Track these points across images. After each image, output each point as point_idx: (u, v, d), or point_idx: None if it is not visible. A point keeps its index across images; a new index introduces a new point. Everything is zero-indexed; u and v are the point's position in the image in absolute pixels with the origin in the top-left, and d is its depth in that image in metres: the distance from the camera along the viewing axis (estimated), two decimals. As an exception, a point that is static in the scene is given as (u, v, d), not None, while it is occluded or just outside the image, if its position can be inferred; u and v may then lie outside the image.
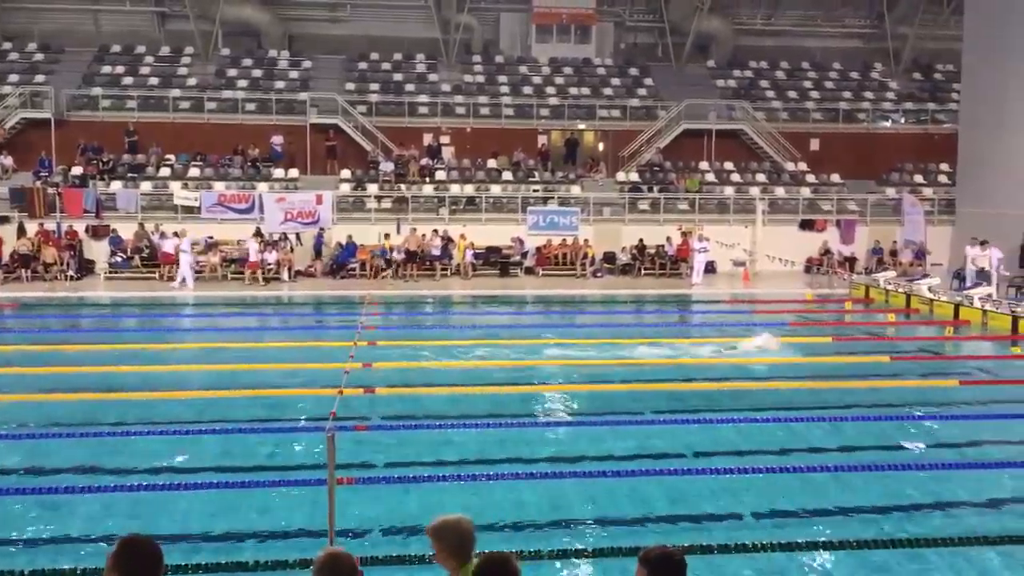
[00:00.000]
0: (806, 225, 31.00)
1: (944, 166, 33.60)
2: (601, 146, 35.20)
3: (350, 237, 28.17)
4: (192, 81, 34.23)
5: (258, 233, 27.65)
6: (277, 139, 32.03)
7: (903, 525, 8.22)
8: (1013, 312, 19.36)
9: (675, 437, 11.03)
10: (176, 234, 26.82)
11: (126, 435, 10.83)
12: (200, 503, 8.66)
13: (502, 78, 36.06)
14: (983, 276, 23.18)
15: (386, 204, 30.22)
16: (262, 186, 30.11)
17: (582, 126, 34.84)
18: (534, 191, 31.10)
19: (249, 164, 31.48)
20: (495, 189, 31.32)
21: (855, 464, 9.77)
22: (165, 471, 9.50)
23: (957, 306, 21.04)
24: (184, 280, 25.20)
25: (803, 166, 33.80)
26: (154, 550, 3.78)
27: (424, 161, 32.06)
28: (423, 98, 34.44)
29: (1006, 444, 10.83)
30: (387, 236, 28.34)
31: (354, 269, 27.89)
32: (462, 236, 28.59)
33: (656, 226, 30.10)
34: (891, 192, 32.61)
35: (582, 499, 8.82)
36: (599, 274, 28.67)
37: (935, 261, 28.91)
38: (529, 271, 28.89)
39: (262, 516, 8.37)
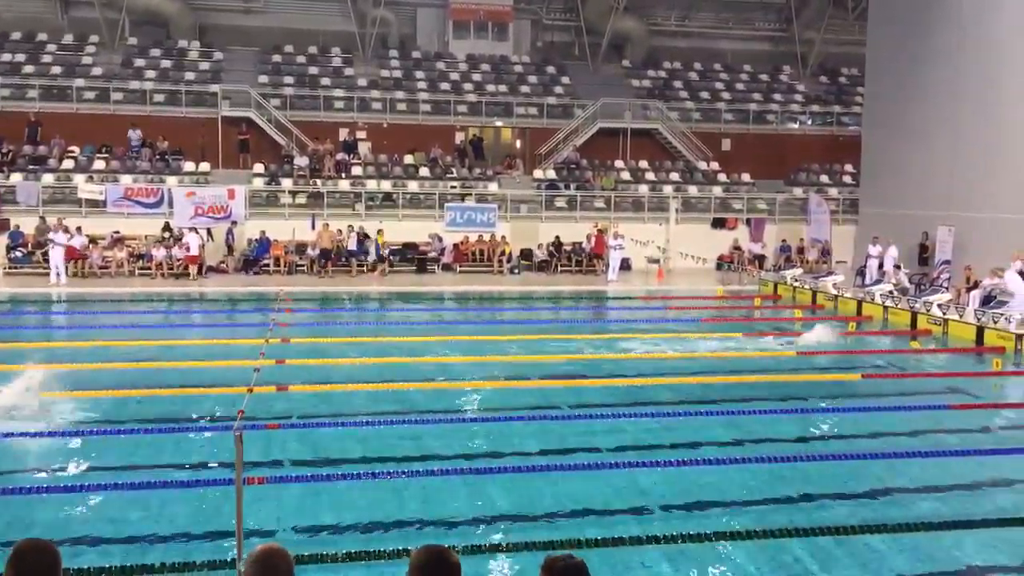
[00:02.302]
0: (718, 223, 31.73)
1: (848, 167, 34.74)
2: (518, 143, 35.34)
3: (263, 233, 27.67)
4: (97, 71, 33.11)
5: (167, 229, 26.95)
6: (134, 133, 31.06)
7: (808, 515, 8.46)
8: (912, 308, 20.17)
9: (588, 433, 11.16)
10: (78, 229, 25.97)
11: (26, 435, 10.40)
12: (106, 505, 8.40)
13: (419, 74, 35.87)
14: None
15: (301, 200, 29.77)
16: (171, 180, 29.33)
17: (499, 123, 34.92)
18: (451, 188, 31.04)
19: (158, 157, 30.61)
20: (412, 185, 31.14)
21: (763, 456, 10.02)
22: (70, 472, 9.19)
23: (860, 302, 21.84)
24: (58, 275, 24.27)
25: (715, 165, 34.54)
26: (50, 554, 3.65)
27: (340, 156, 31.67)
28: (339, 92, 34.01)
29: (905, 436, 11.24)
30: (380, 232, 28.22)
31: (267, 265, 27.40)
32: (379, 232, 28.36)
33: (573, 223, 30.41)
34: (798, 192, 33.60)
35: (499, 495, 8.84)
36: (516, 271, 28.78)
37: (839, 259, 29.89)
38: (446, 268, 28.83)
39: (169, 518, 8.16)
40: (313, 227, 28.24)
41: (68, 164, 29.83)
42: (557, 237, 29.67)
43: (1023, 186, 22.66)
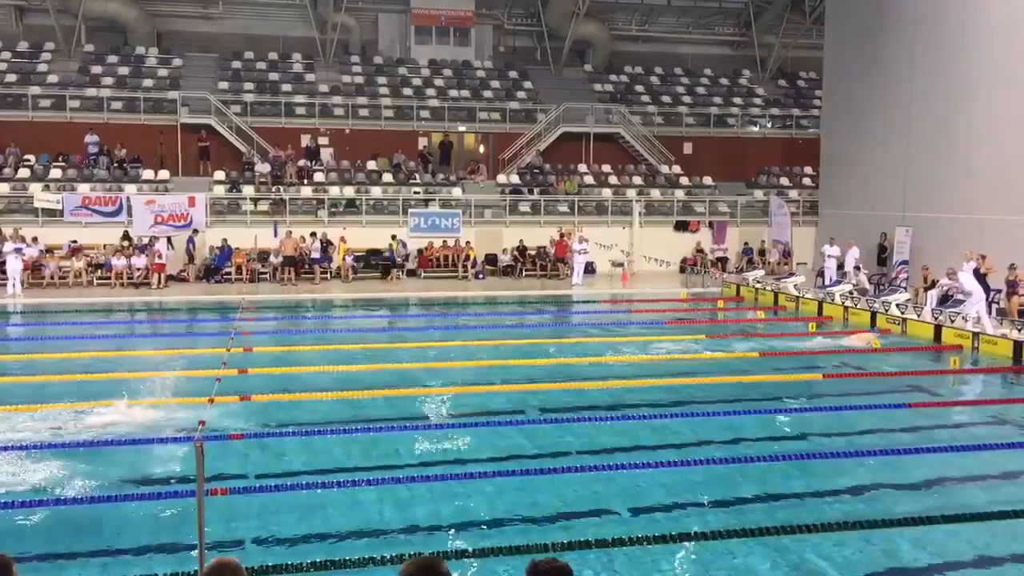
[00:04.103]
0: (680, 226, 31.94)
1: (808, 169, 35.13)
2: (482, 148, 35.35)
3: (225, 240, 27.39)
4: (53, 78, 32.56)
5: (126, 238, 26.59)
6: (92, 138, 30.63)
7: (768, 515, 8.54)
8: (871, 308, 20.45)
9: (555, 436, 11.18)
10: (35, 239, 25.56)
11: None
12: (66, 519, 8.25)
13: (381, 79, 35.74)
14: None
15: (263, 207, 29.52)
16: (130, 188, 28.95)
17: (462, 128, 34.90)
18: (415, 193, 30.96)
19: (116, 165, 30.19)
20: (375, 191, 31.01)
21: (728, 457, 10.11)
22: (27, 487, 9.01)
23: (821, 303, 22.11)
24: (14, 285, 23.76)
25: (677, 169, 34.77)
26: (3, 565, 3.60)
27: (302, 163, 31.45)
28: (300, 98, 33.78)
29: (866, 434, 11.39)
30: (394, 237, 28.43)
31: (229, 274, 27.13)
32: (342, 239, 28.19)
33: (537, 228, 30.46)
34: (759, 194, 33.92)
35: (469, 501, 8.82)
36: (481, 276, 28.76)
37: (800, 260, 30.24)
38: (411, 273, 28.73)
39: (131, 531, 8.04)
40: (276, 234, 28.03)
41: (24, 173, 29.29)
42: (521, 241, 29.70)
43: (977, 187, 23.08)
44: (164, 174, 30.33)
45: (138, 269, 25.93)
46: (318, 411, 12.13)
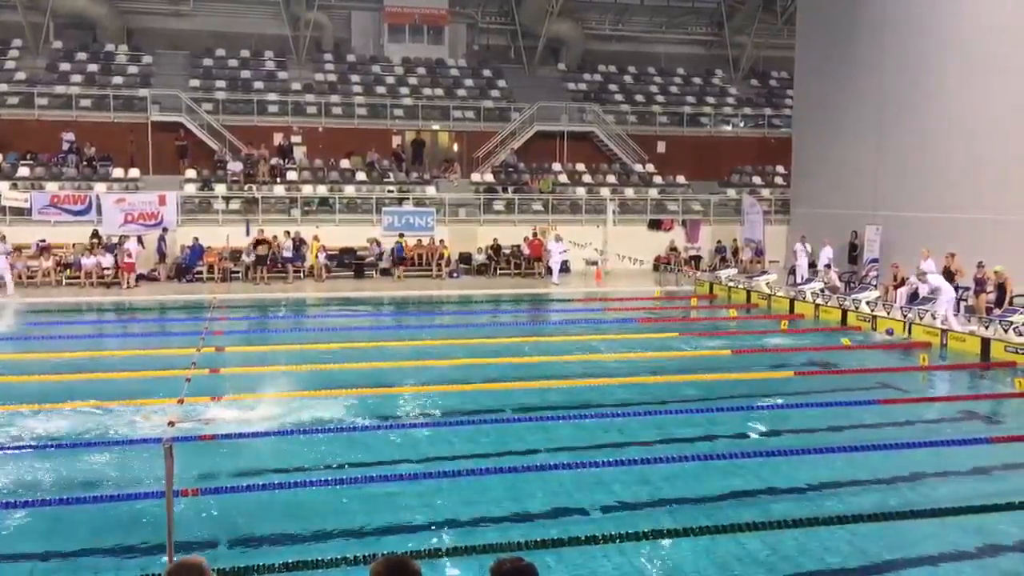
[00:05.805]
0: (654, 225, 32.07)
1: (780, 168, 35.41)
2: (456, 147, 35.30)
3: (196, 239, 27.15)
4: (21, 75, 32.17)
5: (96, 236, 26.28)
6: (68, 135, 30.29)
7: (743, 511, 8.58)
8: (842, 306, 20.64)
9: (528, 435, 11.18)
10: (3, 237, 25.19)
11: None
12: (33, 521, 8.15)
13: (354, 77, 35.60)
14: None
15: (235, 205, 29.30)
16: (100, 186, 28.63)
17: (436, 127, 34.84)
18: (389, 192, 30.86)
19: (85, 163, 29.85)
20: (349, 190, 30.87)
21: (697, 454, 10.16)
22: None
23: (792, 301, 22.29)
24: (3, 284, 23.55)
25: (651, 168, 34.92)
26: None
27: (274, 161, 31.25)
28: (273, 96, 33.58)
29: (836, 431, 11.50)
30: (401, 235, 28.51)
31: (201, 273, 26.91)
32: (315, 238, 28.04)
33: (511, 226, 30.46)
34: (732, 193, 34.13)
35: (441, 499, 8.80)
36: (455, 274, 28.72)
37: (772, 258, 30.46)
38: (385, 272, 28.63)
39: (99, 534, 7.94)
40: (248, 233, 27.82)
41: (-10, 171, 28.95)
42: (495, 240, 29.69)
43: (944, 186, 23.37)
44: (134, 172, 30.03)
45: (106, 268, 25.64)
46: (289, 411, 12.03)
